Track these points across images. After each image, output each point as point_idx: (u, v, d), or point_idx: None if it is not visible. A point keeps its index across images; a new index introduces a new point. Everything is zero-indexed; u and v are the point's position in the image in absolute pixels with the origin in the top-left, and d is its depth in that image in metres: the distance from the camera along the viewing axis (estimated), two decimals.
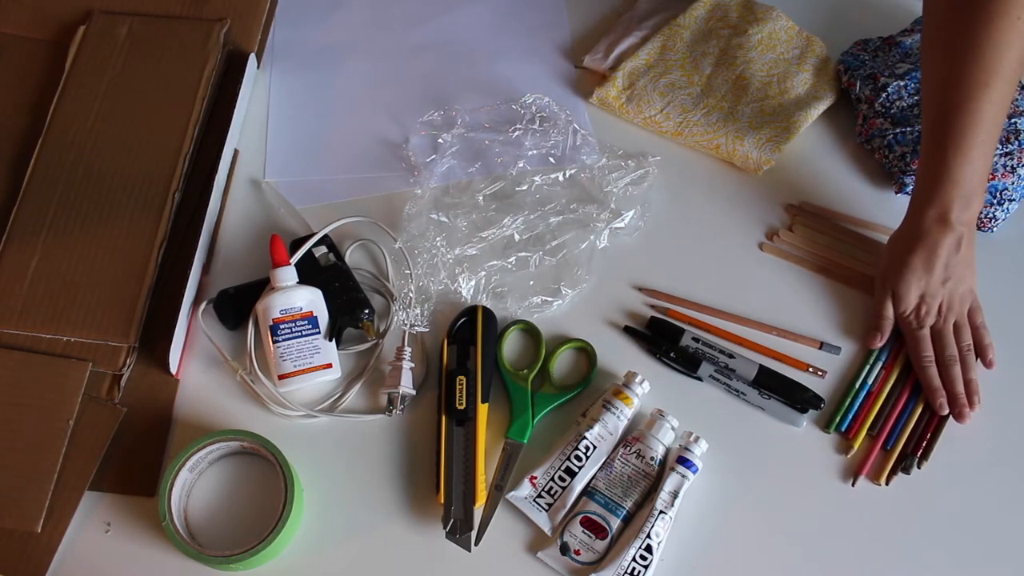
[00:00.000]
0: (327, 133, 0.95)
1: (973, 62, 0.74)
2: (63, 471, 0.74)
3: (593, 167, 0.92)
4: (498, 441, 0.78)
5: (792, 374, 0.83)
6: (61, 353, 0.78)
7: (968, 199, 0.79)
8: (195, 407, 0.79)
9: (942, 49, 0.77)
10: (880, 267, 0.85)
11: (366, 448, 0.78)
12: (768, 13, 1.02)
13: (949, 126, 0.76)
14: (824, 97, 0.97)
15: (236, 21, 0.95)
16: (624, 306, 0.86)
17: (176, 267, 0.83)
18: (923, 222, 0.80)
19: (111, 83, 0.90)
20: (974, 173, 0.77)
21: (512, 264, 0.86)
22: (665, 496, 0.74)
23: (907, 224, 0.83)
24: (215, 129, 0.90)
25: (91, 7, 0.94)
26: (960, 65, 0.75)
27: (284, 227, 0.88)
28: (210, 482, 0.76)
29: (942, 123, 0.77)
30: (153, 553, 0.73)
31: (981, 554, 0.76)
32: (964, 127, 0.76)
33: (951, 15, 0.76)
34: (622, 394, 0.78)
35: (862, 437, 0.80)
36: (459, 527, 0.73)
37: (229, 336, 0.83)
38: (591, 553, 0.73)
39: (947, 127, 0.76)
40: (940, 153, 0.77)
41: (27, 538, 0.72)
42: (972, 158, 0.76)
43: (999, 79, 0.74)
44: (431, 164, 0.92)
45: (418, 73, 1.00)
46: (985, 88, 0.74)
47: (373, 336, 0.82)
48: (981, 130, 0.76)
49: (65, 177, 0.85)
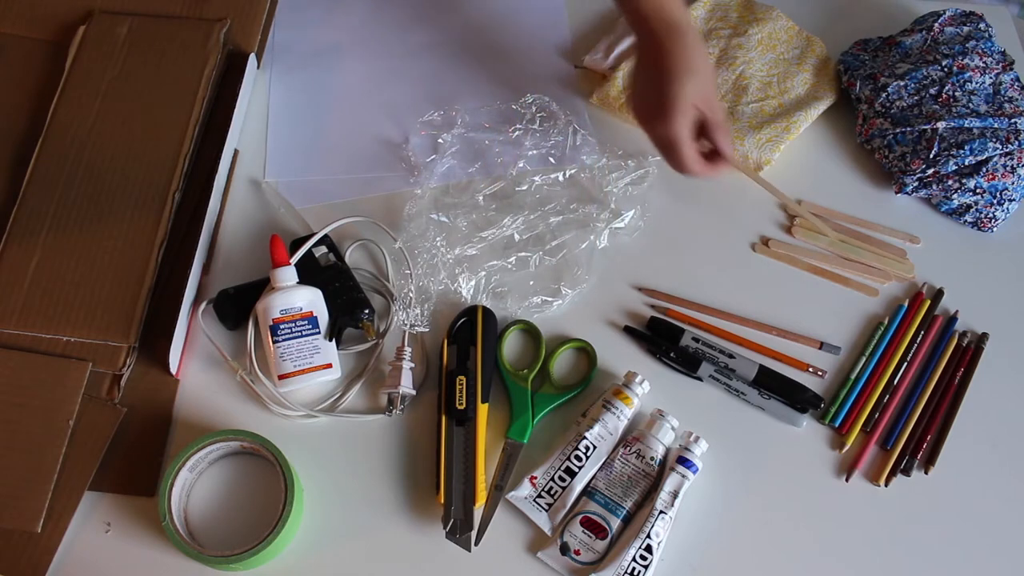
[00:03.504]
0: (327, 133, 0.95)
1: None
2: (63, 471, 0.74)
3: (593, 167, 0.92)
4: (498, 441, 0.78)
5: (792, 374, 0.83)
6: (61, 353, 0.78)
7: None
8: (195, 407, 0.79)
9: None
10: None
11: (366, 448, 0.78)
12: (768, 13, 1.02)
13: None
14: (824, 97, 0.97)
15: (236, 21, 0.95)
16: (624, 306, 0.86)
17: (176, 267, 0.83)
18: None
19: (111, 83, 0.90)
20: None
21: (512, 264, 0.86)
22: (665, 496, 0.74)
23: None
24: (215, 129, 0.90)
25: (91, 7, 0.94)
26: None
27: (284, 227, 0.88)
28: (210, 482, 0.76)
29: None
30: (153, 553, 0.73)
31: (982, 555, 0.76)
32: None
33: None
34: (622, 394, 0.78)
35: (856, 432, 0.80)
36: (459, 527, 0.73)
37: (229, 336, 0.83)
38: (591, 553, 0.73)
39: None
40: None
41: (27, 538, 0.72)
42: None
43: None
44: (431, 164, 0.92)
45: (418, 73, 1.00)
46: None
47: (373, 336, 0.82)
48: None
49: (65, 177, 0.85)
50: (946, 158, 0.89)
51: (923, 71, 0.94)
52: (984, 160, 0.88)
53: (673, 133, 0.77)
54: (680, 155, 0.78)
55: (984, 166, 0.88)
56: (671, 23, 0.78)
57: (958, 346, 0.85)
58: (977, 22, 0.98)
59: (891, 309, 0.87)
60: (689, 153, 0.79)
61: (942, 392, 0.83)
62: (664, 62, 0.77)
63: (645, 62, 0.80)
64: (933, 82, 0.93)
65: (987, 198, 0.89)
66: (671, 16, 0.79)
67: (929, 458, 0.80)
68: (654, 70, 0.78)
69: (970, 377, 0.84)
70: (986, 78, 0.94)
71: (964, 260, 0.90)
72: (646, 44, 0.80)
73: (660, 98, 0.77)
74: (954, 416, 0.82)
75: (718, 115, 0.80)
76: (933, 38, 0.97)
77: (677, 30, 0.78)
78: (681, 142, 0.78)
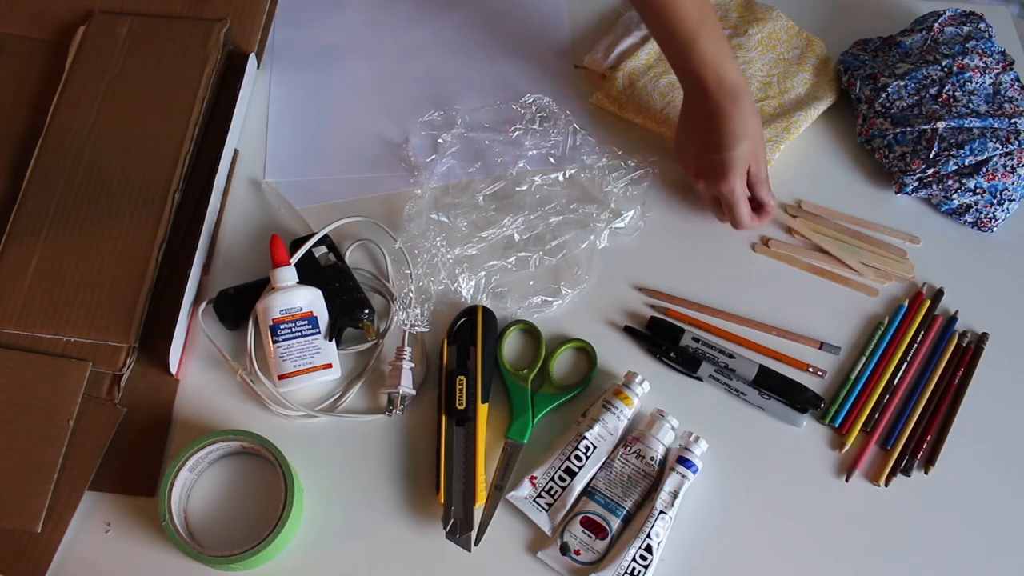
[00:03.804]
0: (327, 133, 0.95)
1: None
2: (63, 471, 0.74)
3: (593, 167, 0.92)
4: (498, 441, 0.78)
5: (792, 374, 0.83)
6: (61, 353, 0.78)
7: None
8: (195, 407, 0.79)
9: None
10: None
11: (366, 448, 0.78)
12: (768, 13, 1.02)
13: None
14: (824, 97, 0.97)
15: (236, 21, 0.95)
16: (624, 306, 0.86)
17: (176, 267, 0.83)
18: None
19: (111, 83, 0.90)
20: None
21: (512, 264, 0.86)
22: (665, 496, 0.74)
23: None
24: (215, 129, 0.90)
25: (91, 7, 0.95)
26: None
27: (284, 227, 0.88)
28: (210, 482, 0.76)
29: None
30: (153, 553, 0.73)
31: (982, 555, 0.76)
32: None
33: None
34: (622, 394, 0.78)
35: (856, 432, 0.80)
36: (459, 527, 0.73)
37: (229, 336, 0.83)
38: (591, 553, 0.73)
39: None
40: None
41: (27, 538, 0.72)
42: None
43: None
44: (431, 164, 0.92)
45: (418, 73, 1.00)
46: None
47: (373, 336, 0.82)
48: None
49: (65, 177, 0.85)
50: (946, 158, 0.89)
51: (923, 71, 0.94)
52: (984, 160, 0.88)
53: (733, 194, 0.83)
54: (739, 212, 0.85)
55: (984, 166, 0.88)
56: (732, 88, 0.82)
57: (958, 346, 0.85)
58: (977, 22, 0.98)
59: (891, 309, 0.87)
60: (746, 210, 0.85)
61: (942, 392, 0.83)
62: (725, 125, 0.81)
63: (699, 119, 0.84)
64: (933, 82, 0.94)
65: (987, 198, 0.89)
66: (733, 81, 0.82)
67: (929, 458, 0.80)
68: (710, 129, 0.82)
69: (970, 377, 0.83)
70: (986, 78, 0.94)
71: (964, 260, 0.90)
72: (703, 103, 0.83)
73: (720, 159, 0.82)
74: (954, 416, 0.82)
75: (763, 173, 0.85)
76: (933, 38, 0.97)
77: (737, 95, 0.82)
78: (739, 201, 0.84)
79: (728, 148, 0.81)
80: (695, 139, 0.85)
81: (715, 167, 0.83)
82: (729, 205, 0.84)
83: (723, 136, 0.81)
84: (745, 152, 0.82)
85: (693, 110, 0.85)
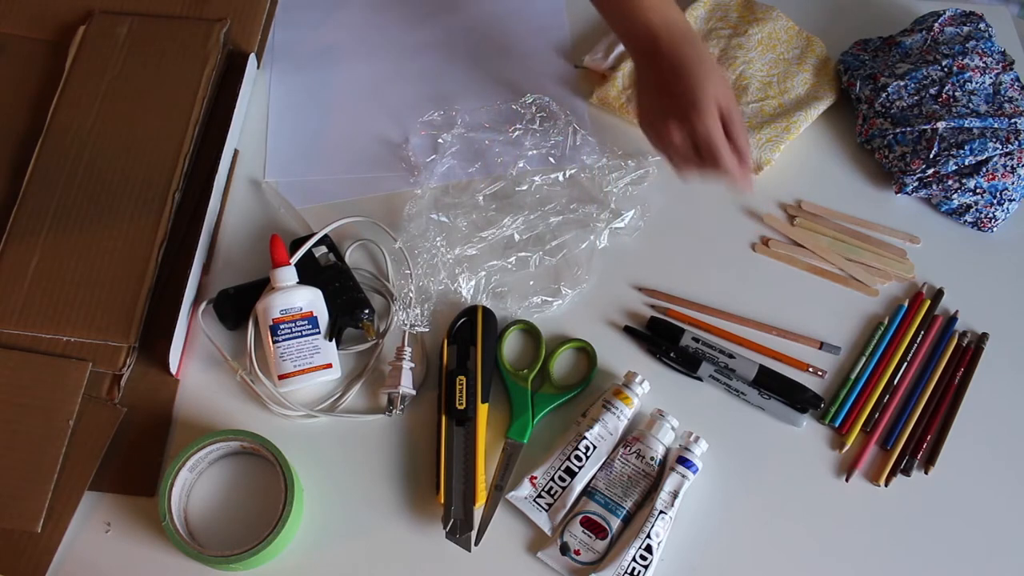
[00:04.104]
0: (327, 133, 0.95)
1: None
2: (63, 471, 0.74)
3: (593, 167, 0.92)
4: (498, 441, 0.78)
5: (792, 374, 0.83)
6: (61, 353, 0.78)
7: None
8: (195, 407, 0.79)
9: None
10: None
11: (366, 448, 0.78)
12: (768, 13, 1.02)
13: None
14: (824, 97, 0.97)
15: (236, 21, 0.95)
16: (624, 306, 0.86)
17: (176, 267, 0.83)
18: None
19: (111, 83, 0.90)
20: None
21: (512, 264, 0.86)
22: (665, 496, 0.74)
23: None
24: (215, 129, 0.90)
25: (91, 7, 0.94)
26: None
27: (284, 227, 0.88)
28: (210, 482, 0.76)
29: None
30: (153, 553, 0.73)
31: (982, 555, 0.76)
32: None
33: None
34: (622, 394, 0.78)
35: (856, 432, 0.80)
36: (459, 527, 0.73)
37: (229, 336, 0.83)
38: (591, 553, 0.73)
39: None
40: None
41: (27, 538, 0.72)
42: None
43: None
44: (431, 164, 0.92)
45: (418, 73, 1.00)
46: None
47: (373, 336, 0.82)
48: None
49: (65, 177, 0.85)
50: (946, 158, 0.89)
51: (923, 71, 0.94)
52: (984, 160, 0.88)
53: (711, 134, 0.77)
54: (722, 155, 0.78)
55: (984, 166, 0.88)
56: (683, 31, 0.80)
57: (958, 346, 0.85)
58: (977, 22, 0.98)
59: (891, 309, 0.87)
60: (728, 152, 0.78)
61: (942, 392, 0.83)
62: (686, 65, 0.78)
63: (658, 70, 0.80)
64: (933, 82, 0.94)
65: (987, 198, 0.89)
66: (681, 24, 0.80)
67: (929, 458, 0.80)
68: (672, 76, 0.78)
69: (970, 377, 0.84)
70: (986, 78, 0.94)
71: (964, 260, 0.90)
72: (656, 53, 0.79)
73: (691, 100, 0.77)
74: (954, 416, 0.82)
75: (735, 111, 0.80)
76: (933, 38, 0.97)
77: (689, 36, 0.80)
78: (721, 142, 0.78)
79: (696, 86, 0.77)
80: (658, 93, 0.81)
81: (686, 111, 0.77)
82: (710, 148, 0.78)
83: (687, 77, 0.77)
84: (715, 86, 0.77)
85: (649, 65, 0.81)
